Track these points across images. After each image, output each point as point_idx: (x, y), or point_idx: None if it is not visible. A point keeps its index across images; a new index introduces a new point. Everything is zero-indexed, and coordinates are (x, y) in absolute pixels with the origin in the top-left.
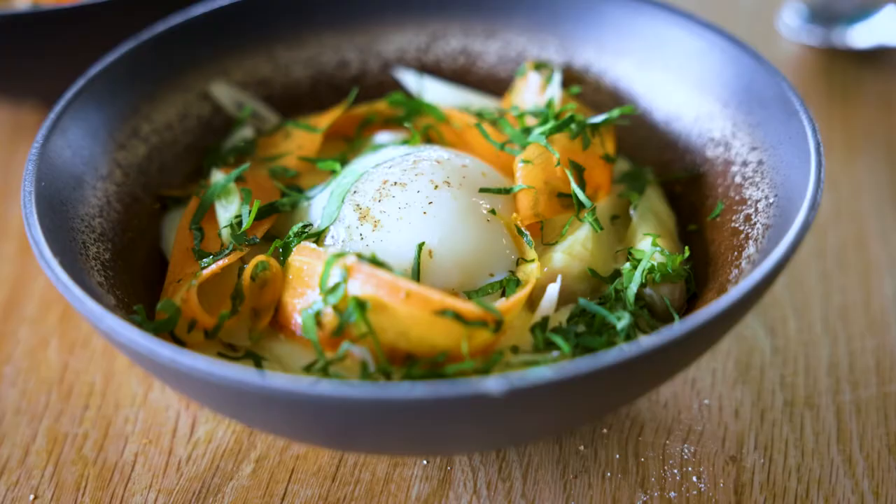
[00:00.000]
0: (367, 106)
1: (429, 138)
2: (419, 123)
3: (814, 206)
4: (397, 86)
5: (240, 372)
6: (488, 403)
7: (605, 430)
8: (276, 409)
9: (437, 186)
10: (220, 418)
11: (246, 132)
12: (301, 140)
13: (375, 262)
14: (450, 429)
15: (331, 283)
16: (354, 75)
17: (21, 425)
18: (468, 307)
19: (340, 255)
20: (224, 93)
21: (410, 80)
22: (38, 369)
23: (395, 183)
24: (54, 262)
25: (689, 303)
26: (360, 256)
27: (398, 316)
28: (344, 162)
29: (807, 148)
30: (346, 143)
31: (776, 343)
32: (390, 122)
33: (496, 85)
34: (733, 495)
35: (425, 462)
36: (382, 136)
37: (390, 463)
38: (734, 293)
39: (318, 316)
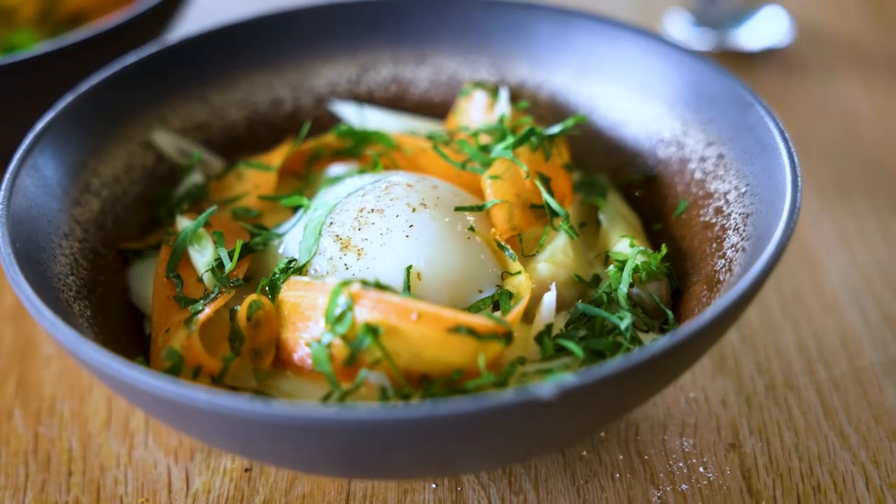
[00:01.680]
0: (314, 140)
1: (379, 166)
2: (368, 153)
3: (797, 188)
4: (333, 120)
5: (282, 406)
6: (541, 409)
7: (603, 434)
8: (316, 439)
9: (414, 209)
10: (212, 467)
11: (195, 177)
12: (256, 179)
13: (380, 286)
14: (494, 440)
15: (337, 312)
16: (289, 112)
17: (5, 500)
18: (480, 321)
19: (346, 283)
20: (166, 140)
21: (349, 111)
22: (8, 442)
23: (373, 210)
24: (59, 322)
25: (674, 297)
26: (364, 283)
27: (411, 338)
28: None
29: (771, 136)
30: (298, 180)
31: (742, 333)
32: (338, 155)
33: (431, 109)
34: (742, 480)
35: (434, 486)
36: (336, 169)
37: (399, 491)
38: (752, 273)
39: (328, 347)
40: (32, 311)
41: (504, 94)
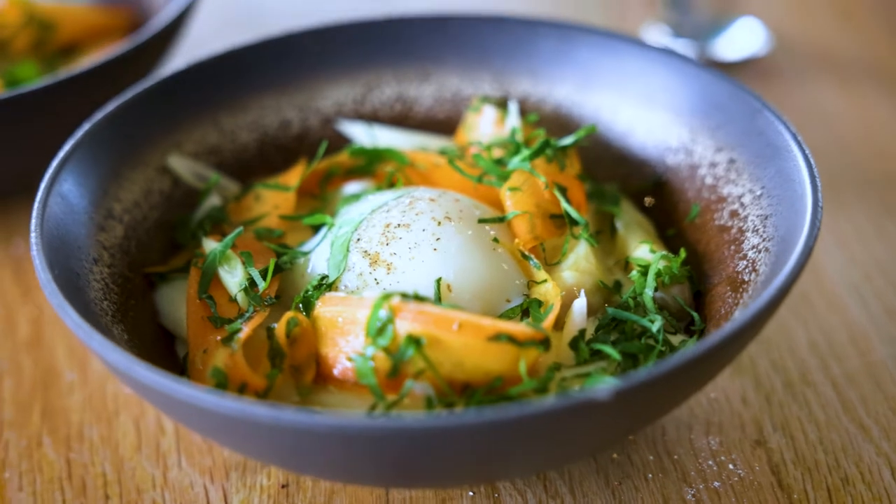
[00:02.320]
0: (327, 160)
1: (393, 183)
2: (382, 170)
3: (817, 188)
4: (340, 139)
5: (348, 417)
6: (597, 409)
7: (630, 437)
8: (375, 448)
9: (439, 223)
10: (248, 485)
11: (213, 200)
12: (275, 200)
13: (419, 298)
14: (544, 444)
15: (379, 325)
16: (297, 133)
17: None
18: (520, 328)
19: (387, 296)
20: (181, 165)
21: (356, 131)
22: (41, 469)
23: (399, 225)
24: (110, 345)
25: (696, 300)
26: (404, 295)
27: (452, 347)
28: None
29: (783, 139)
30: (314, 199)
31: None
32: (351, 173)
33: (436, 126)
34: (772, 475)
35: (472, 493)
36: (351, 187)
37: (438, 500)
38: (787, 270)
39: (371, 360)
40: (83, 336)
41: (514, 108)
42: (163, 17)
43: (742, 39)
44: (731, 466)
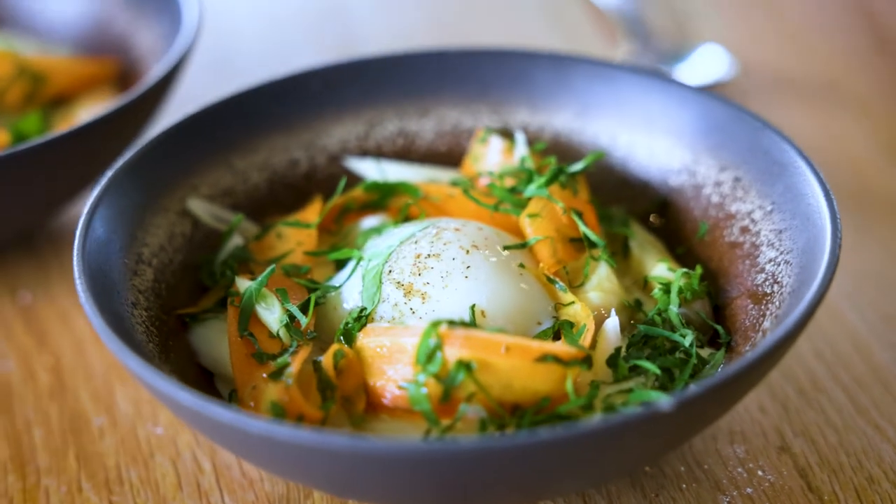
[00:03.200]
0: (342, 196)
1: (409, 216)
2: (395, 204)
3: (832, 199)
4: (347, 176)
5: (430, 444)
6: (660, 421)
7: None
8: (441, 469)
9: (468, 251)
10: None
11: (236, 240)
12: (297, 237)
13: (465, 324)
14: (605, 457)
15: (428, 352)
16: (305, 172)
17: None
18: (564, 349)
19: (436, 324)
20: (200, 207)
21: (363, 167)
22: None
23: (429, 255)
24: (177, 387)
25: (715, 313)
26: (451, 322)
27: (501, 370)
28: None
29: (789, 156)
30: (330, 235)
31: None
32: (365, 208)
33: (439, 159)
34: (800, 479)
35: None
36: (369, 221)
37: None
38: (819, 281)
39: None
40: (148, 377)
41: (521, 138)
42: (159, 69)
43: (706, 65)
44: (760, 473)
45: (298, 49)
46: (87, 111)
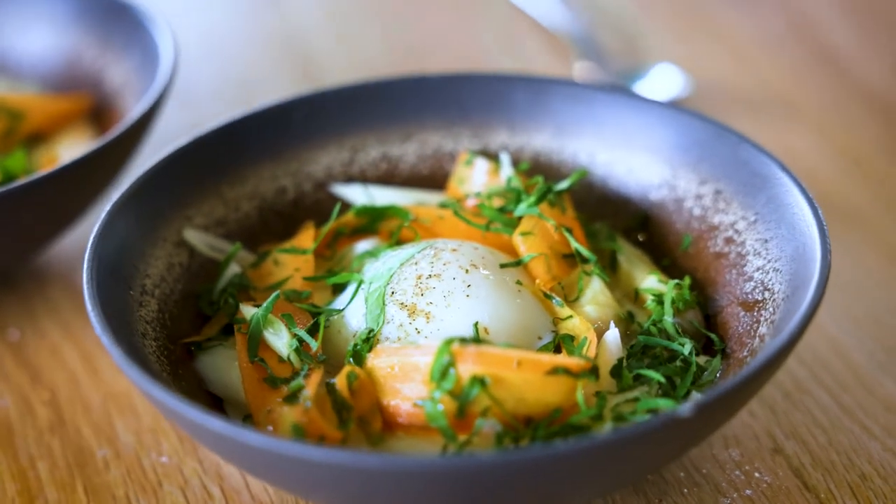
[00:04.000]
0: (335, 221)
1: (400, 239)
2: (386, 227)
3: (816, 208)
4: (334, 201)
5: (460, 458)
6: (679, 427)
7: None
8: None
9: (467, 271)
10: None
11: (233, 268)
12: (295, 263)
13: (476, 341)
14: (626, 464)
15: (443, 370)
16: (293, 199)
17: None
18: (573, 361)
19: (449, 341)
20: (196, 238)
21: (349, 192)
22: None
23: (430, 276)
24: (208, 416)
25: (706, 322)
26: (463, 340)
27: (514, 384)
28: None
29: (770, 168)
30: (324, 260)
31: None
32: (357, 232)
33: (422, 182)
34: (796, 479)
35: None
36: (363, 245)
37: None
38: (817, 283)
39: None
40: (176, 407)
41: (506, 159)
42: (143, 103)
43: (662, 84)
44: (756, 475)
45: (259, 80)
46: (67, 148)
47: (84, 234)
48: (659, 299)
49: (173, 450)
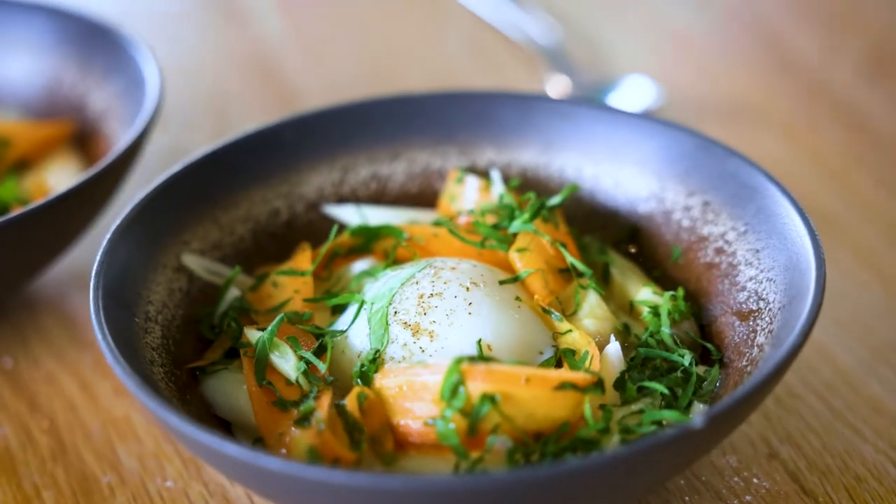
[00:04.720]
0: (331, 242)
1: (396, 258)
2: (380, 246)
3: (806, 217)
4: (326, 222)
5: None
6: (692, 439)
7: None
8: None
9: (468, 288)
10: None
11: (234, 292)
12: (294, 285)
13: (484, 359)
14: (638, 477)
15: (452, 388)
16: (286, 220)
17: None
18: (580, 376)
19: (459, 360)
20: (194, 262)
21: (341, 212)
22: None
23: (432, 294)
24: (224, 441)
25: (701, 332)
26: (471, 358)
27: (523, 400)
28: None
29: (759, 179)
30: (321, 281)
31: None
32: (352, 252)
33: (411, 200)
34: (793, 483)
35: None
36: (360, 265)
37: None
38: (814, 292)
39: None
40: (196, 436)
41: (497, 176)
42: (132, 131)
43: (635, 95)
44: (755, 480)
45: (234, 104)
46: (55, 174)
47: (72, 261)
48: (655, 311)
49: (178, 474)
